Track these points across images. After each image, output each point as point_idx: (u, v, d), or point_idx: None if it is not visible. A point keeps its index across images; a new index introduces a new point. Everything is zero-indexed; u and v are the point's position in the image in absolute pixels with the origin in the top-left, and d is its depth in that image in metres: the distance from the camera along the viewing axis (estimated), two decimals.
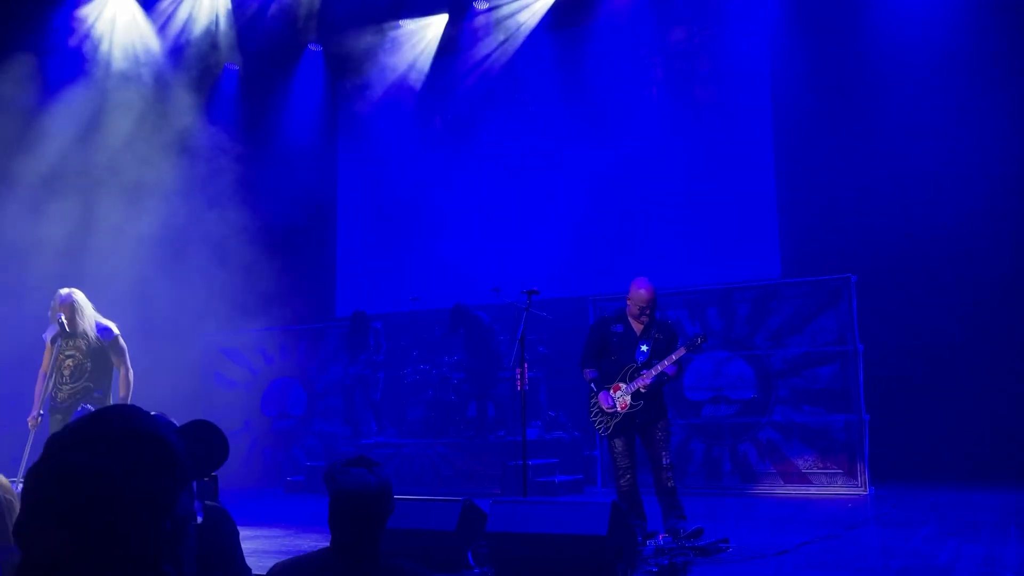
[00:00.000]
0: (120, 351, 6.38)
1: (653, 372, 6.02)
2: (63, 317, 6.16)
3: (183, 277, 12.15)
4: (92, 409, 5.92)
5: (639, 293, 6.20)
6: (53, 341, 6.24)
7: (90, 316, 6.31)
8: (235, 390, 12.96)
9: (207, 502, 2.42)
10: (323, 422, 12.06)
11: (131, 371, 6.36)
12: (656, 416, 6.14)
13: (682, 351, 6.06)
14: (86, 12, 12.45)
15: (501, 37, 12.76)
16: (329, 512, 2.44)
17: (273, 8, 12.91)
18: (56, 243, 10.67)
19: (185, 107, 12.95)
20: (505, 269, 11.56)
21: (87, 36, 12.47)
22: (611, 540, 4.90)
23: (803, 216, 10.67)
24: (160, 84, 12.70)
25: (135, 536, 1.07)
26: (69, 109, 11.84)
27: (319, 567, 2.41)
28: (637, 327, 6.25)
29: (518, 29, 12.61)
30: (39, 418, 6.10)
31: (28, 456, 5.78)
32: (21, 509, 1.08)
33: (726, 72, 11.44)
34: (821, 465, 9.11)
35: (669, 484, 6.02)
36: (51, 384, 6.19)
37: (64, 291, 6.26)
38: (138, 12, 12.86)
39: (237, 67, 13.71)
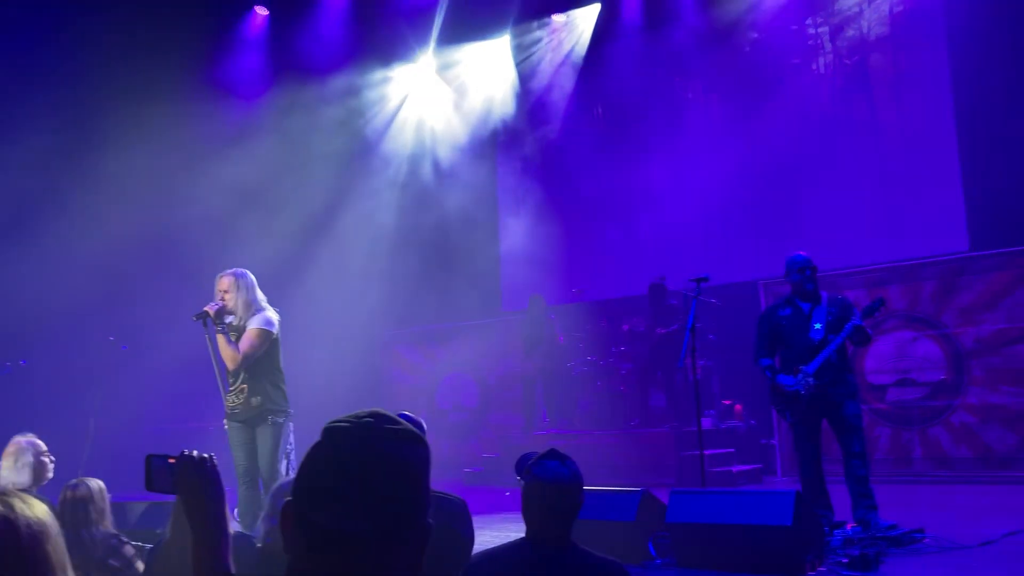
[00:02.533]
0: (250, 335, 5.34)
1: (833, 347, 5.78)
2: (222, 295, 5.39)
3: (361, 277, 12.78)
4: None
5: (794, 260, 6.09)
6: (205, 324, 5.35)
7: (248, 297, 5.41)
8: (411, 385, 13.45)
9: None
10: (497, 414, 12.33)
11: (240, 357, 5.32)
12: (844, 398, 5.86)
13: (858, 320, 5.78)
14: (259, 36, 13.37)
15: (655, 20, 12.58)
16: (523, 503, 2.50)
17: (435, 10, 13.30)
18: (247, 251, 11.43)
19: (353, 115, 13.63)
20: (670, 256, 11.40)
21: (263, 56, 13.38)
22: (797, 530, 4.77)
23: (991, 184, 9.91)
24: (337, 93, 13.43)
25: (421, 526, 1.20)
26: (256, 117, 12.77)
27: (515, 558, 2.47)
28: (806, 307, 6.03)
29: (673, 10, 12.38)
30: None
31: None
32: (306, 490, 1.17)
33: (900, 36, 10.80)
34: None
35: (860, 472, 5.75)
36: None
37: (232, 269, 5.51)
38: (307, 30, 13.59)
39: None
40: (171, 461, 1.79)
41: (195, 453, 1.78)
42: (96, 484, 3.98)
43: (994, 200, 9.86)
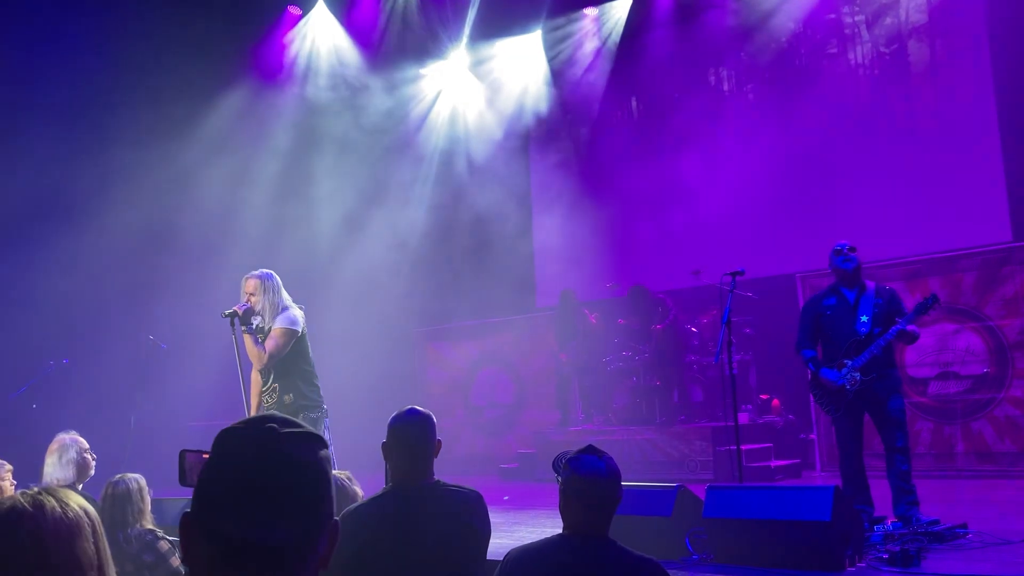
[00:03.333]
0: (274, 335, 5.31)
1: (881, 342, 5.68)
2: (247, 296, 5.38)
3: (394, 274, 12.83)
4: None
5: (839, 249, 5.97)
6: (233, 324, 5.32)
7: (274, 299, 5.38)
8: (446, 381, 13.47)
9: None
10: (532, 410, 12.32)
11: (266, 357, 5.28)
12: (888, 392, 5.76)
13: (912, 317, 5.67)
14: (292, 36, 13.51)
15: (688, 12, 12.45)
16: (560, 499, 2.50)
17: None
18: (278, 247, 11.53)
19: (385, 112, 13.70)
20: (705, 250, 11.28)
21: (295, 55, 13.50)
22: (835, 526, 4.71)
23: None
24: (370, 90, 13.51)
25: (331, 527, 1.19)
26: (287, 114, 12.88)
27: (552, 553, 2.47)
28: (851, 296, 5.92)
29: (704, 2, 12.26)
30: None
31: None
32: (211, 500, 1.14)
33: (939, 23, 10.59)
34: None
35: (902, 467, 5.66)
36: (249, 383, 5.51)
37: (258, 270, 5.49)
38: (338, 29, 13.68)
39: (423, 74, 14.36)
40: (205, 456, 1.80)
41: None
42: (137, 481, 4.04)
43: None
